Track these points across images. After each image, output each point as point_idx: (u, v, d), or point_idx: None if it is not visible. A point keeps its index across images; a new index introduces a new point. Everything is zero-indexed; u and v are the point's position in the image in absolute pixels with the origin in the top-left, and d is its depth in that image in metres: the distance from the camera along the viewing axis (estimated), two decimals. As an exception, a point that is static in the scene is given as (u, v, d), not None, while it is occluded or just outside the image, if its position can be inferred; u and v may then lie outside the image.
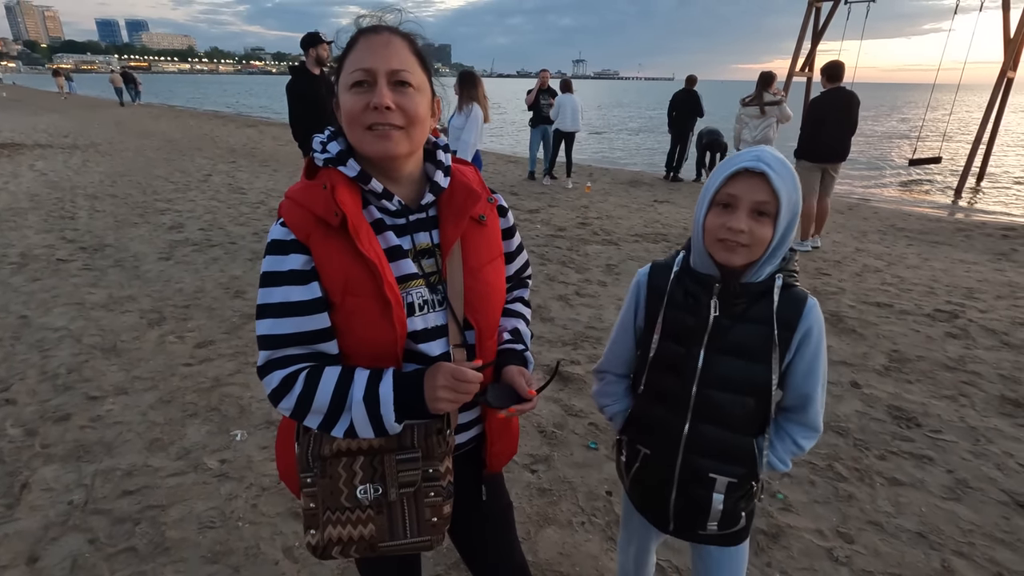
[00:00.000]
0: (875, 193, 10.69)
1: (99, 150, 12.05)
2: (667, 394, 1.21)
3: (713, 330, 1.14)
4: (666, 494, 1.25)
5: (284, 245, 0.95)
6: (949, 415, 2.94)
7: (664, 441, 1.23)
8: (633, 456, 1.30)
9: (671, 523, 1.29)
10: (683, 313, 1.17)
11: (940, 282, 5.01)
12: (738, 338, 1.13)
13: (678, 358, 1.18)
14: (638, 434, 1.30)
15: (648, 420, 1.27)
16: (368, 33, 0.96)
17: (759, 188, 1.04)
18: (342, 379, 0.95)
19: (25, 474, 2.37)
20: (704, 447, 1.19)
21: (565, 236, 6.30)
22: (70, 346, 3.49)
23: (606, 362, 1.36)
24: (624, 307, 1.30)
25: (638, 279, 1.26)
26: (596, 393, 1.40)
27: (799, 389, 1.17)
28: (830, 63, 5.69)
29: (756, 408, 1.16)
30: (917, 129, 18.29)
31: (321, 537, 0.98)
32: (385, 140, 0.94)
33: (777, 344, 1.11)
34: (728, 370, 1.15)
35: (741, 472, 1.20)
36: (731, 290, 1.12)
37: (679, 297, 1.18)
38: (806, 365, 1.15)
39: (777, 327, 1.11)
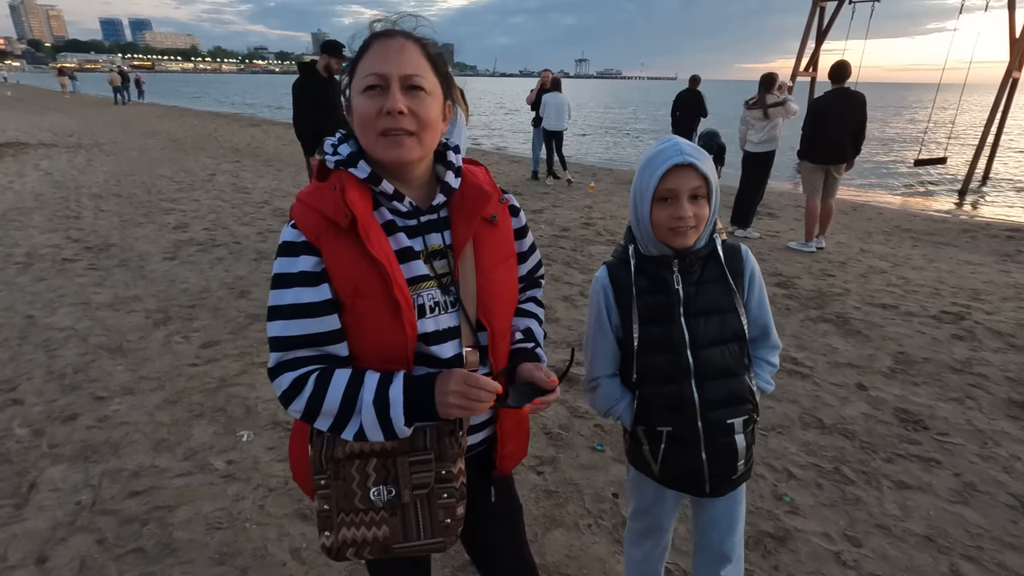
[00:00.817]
0: (880, 193, 10.66)
1: (103, 149, 12.09)
2: (666, 370, 1.32)
3: (684, 300, 1.30)
4: (698, 458, 1.35)
5: (295, 247, 0.95)
6: (956, 418, 2.93)
7: (682, 412, 1.32)
8: (656, 439, 1.37)
9: (707, 483, 1.38)
10: (653, 296, 1.31)
11: (946, 283, 4.99)
12: (706, 299, 1.30)
13: (664, 336, 1.31)
14: (655, 417, 1.36)
15: (660, 401, 1.34)
16: (382, 38, 0.96)
17: (691, 177, 1.20)
18: (352, 382, 0.95)
19: (33, 474, 2.38)
20: (716, 401, 1.32)
21: (569, 236, 6.30)
22: (76, 346, 3.50)
23: (594, 369, 1.42)
24: (594, 313, 1.38)
25: (601, 282, 1.36)
26: (595, 401, 1.44)
27: (758, 320, 1.37)
28: (835, 63, 5.67)
29: (739, 350, 1.34)
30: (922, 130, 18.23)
31: (335, 539, 0.99)
32: (398, 146, 0.94)
33: (735, 291, 1.31)
34: (709, 329, 1.30)
35: (747, 407, 1.35)
36: (687, 262, 1.28)
37: (645, 284, 1.31)
38: (757, 299, 1.36)
39: (732, 277, 1.30)
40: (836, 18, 11.71)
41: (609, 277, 1.35)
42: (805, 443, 2.70)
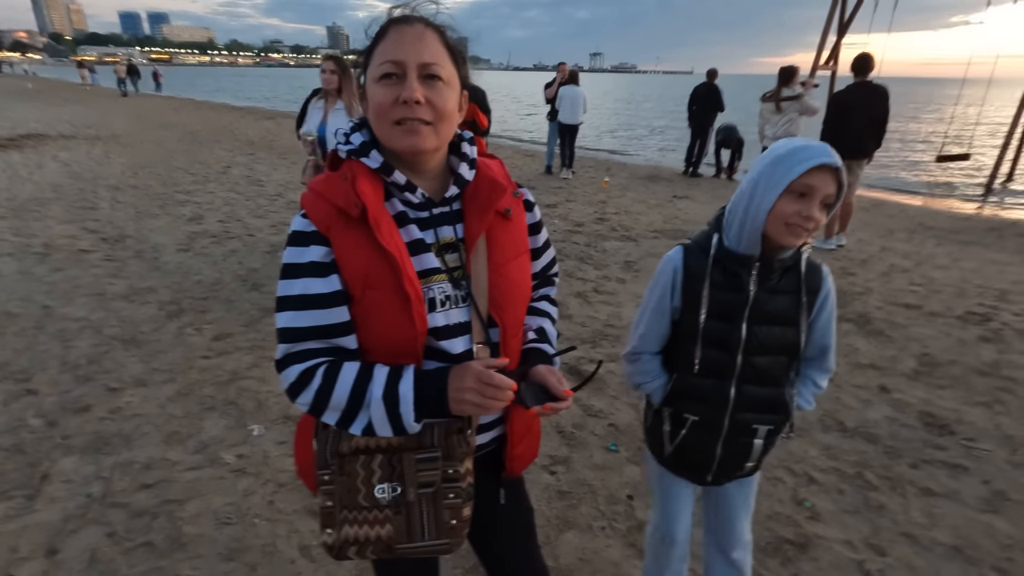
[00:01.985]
0: (902, 190, 10.43)
1: (121, 141, 12.20)
2: (714, 365, 1.32)
3: (753, 303, 1.27)
4: (711, 451, 1.39)
5: (305, 236, 0.93)
6: (984, 423, 2.83)
7: (714, 407, 1.35)
8: (679, 424, 1.40)
9: (711, 474, 1.43)
10: (724, 292, 1.28)
11: (971, 283, 4.85)
12: (774, 308, 1.28)
13: (722, 333, 1.30)
14: (685, 404, 1.38)
15: (696, 391, 1.36)
16: (400, 23, 0.92)
17: (831, 182, 1.17)
18: (361, 375, 0.92)
19: (45, 464, 2.39)
20: (748, 404, 1.34)
21: (583, 232, 6.23)
22: (91, 337, 3.51)
23: (641, 344, 1.42)
24: (657, 290, 1.36)
25: (673, 263, 1.33)
26: (632, 373, 1.45)
27: (820, 341, 1.36)
28: (858, 56, 5.50)
29: (788, 363, 1.34)
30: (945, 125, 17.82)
31: (337, 536, 0.96)
32: (413, 135, 0.91)
33: (805, 308, 1.29)
34: (766, 337, 1.29)
35: (776, 417, 1.37)
36: (770, 266, 1.25)
37: (718, 277, 1.29)
38: (825, 321, 1.33)
39: (805, 294, 1.28)
40: (858, 10, 11.44)
41: (684, 261, 1.33)
42: (826, 447, 2.62)
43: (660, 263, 1.37)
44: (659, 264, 1.37)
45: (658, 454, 1.50)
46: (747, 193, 1.22)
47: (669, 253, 1.35)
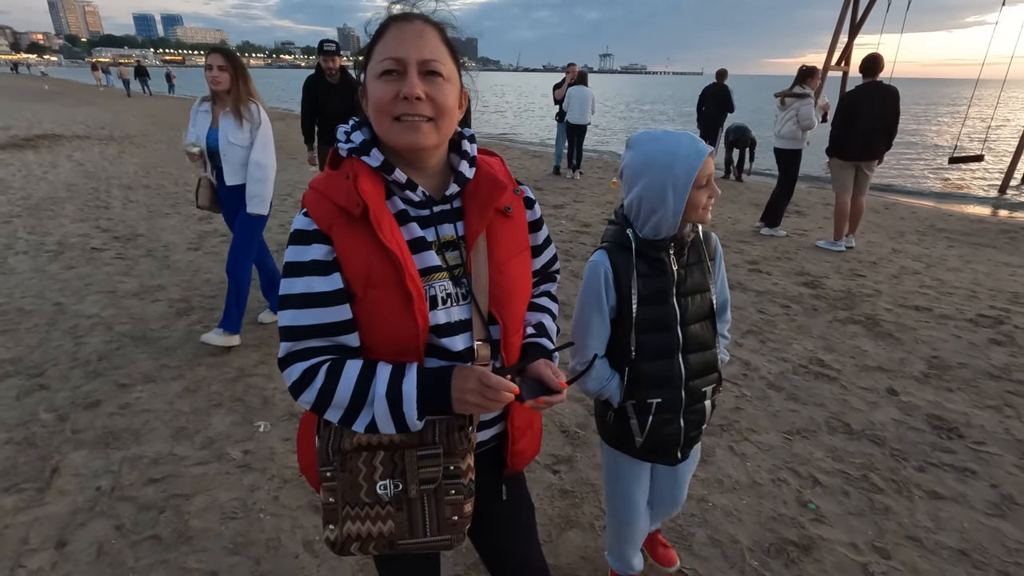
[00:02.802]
0: (913, 192, 10.33)
1: (134, 142, 12.36)
2: (660, 346, 1.45)
3: (677, 281, 1.43)
4: (676, 426, 1.50)
5: (306, 235, 0.93)
6: (993, 426, 2.80)
7: (671, 384, 1.47)
8: (645, 411, 1.48)
9: (680, 450, 1.55)
10: (652, 278, 1.42)
11: (983, 286, 4.79)
12: (692, 279, 1.45)
13: (659, 314, 1.43)
14: (646, 391, 1.47)
15: (652, 374, 1.46)
16: (400, 20, 0.93)
17: (710, 162, 1.35)
18: (364, 373, 0.93)
19: (56, 458, 2.42)
20: (696, 372, 1.49)
21: (590, 232, 6.22)
22: (102, 333, 3.56)
23: (588, 351, 1.47)
24: (590, 296, 1.44)
25: (602, 265, 1.42)
26: (588, 382, 1.49)
27: (721, 297, 1.55)
28: (867, 56, 5.44)
29: (711, 325, 1.51)
30: (958, 126, 17.61)
31: (340, 532, 0.96)
32: (414, 131, 0.91)
33: (710, 272, 1.48)
34: (693, 307, 1.46)
35: (715, 376, 1.55)
36: (682, 245, 1.43)
37: (643, 267, 1.41)
38: (722, 279, 1.55)
39: (707, 260, 1.48)
40: (870, 11, 11.35)
41: (609, 259, 1.42)
42: (831, 448, 2.61)
43: (587, 270, 1.45)
44: (586, 271, 1.45)
45: (627, 449, 1.57)
46: (655, 196, 1.34)
47: (594, 258, 1.44)
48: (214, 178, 3.33)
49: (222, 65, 3.11)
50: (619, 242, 1.43)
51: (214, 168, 3.28)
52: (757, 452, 2.58)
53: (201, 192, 3.33)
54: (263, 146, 3.23)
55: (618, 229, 1.44)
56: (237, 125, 3.12)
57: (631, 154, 1.39)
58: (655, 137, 1.36)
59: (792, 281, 4.84)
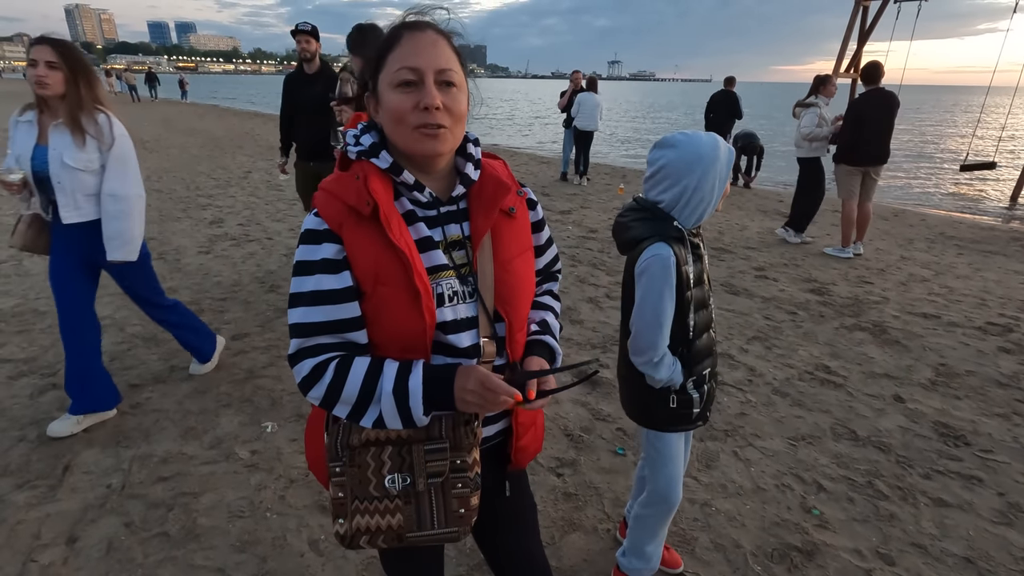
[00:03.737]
0: (923, 199, 10.26)
1: (147, 147, 12.53)
2: (705, 323, 1.62)
3: (704, 261, 1.61)
4: (713, 385, 1.70)
5: (317, 235, 0.96)
6: (1001, 434, 2.78)
7: (711, 352, 1.66)
8: (702, 382, 1.64)
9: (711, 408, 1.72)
10: (696, 263, 1.56)
11: (992, 294, 4.76)
12: (706, 260, 1.63)
13: (702, 295, 1.59)
14: (700, 364, 1.62)
15: (702, 348, 1.62)
16: (412, 30, 0.95)
17: None
18: (372, 370, 0.95)
19: (68, 457, 2.46)
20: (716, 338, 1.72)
21: (596, 238, 6.24)
22: (114, 335, 3.62)
23: (662, 344, 1.53)
24: (664, 286, 1.48)
25: (671, 258, 1.47)
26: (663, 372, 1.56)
27: None
28: (868, 64, 5.53)
29: None
30: (970, 133, 17.48)
31: (349, 526, 0.99)
32: (434, 140, 0.95)
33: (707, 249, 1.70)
34: (709, 283, 1.65)
35: None
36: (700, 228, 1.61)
37: (688, 255, 1.53)
38: None
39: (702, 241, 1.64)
40: (880, 18, 11.33)
41: (673, 251, 1.48)
42: (837, 455, 2.60)
43: (655, 263, 1.48)
44: (654, 264, 1.48)
45: (683, 424, 1.66)
46: (704, 188, 1.47)
47: (659, 251, 1.48)
48: (47, 213, 2.46)
49: (51, 61, 2.25)
50: (670, 233, 1.51)
51: (47, 201, 2.43)
52: (761, 457, 2.58)
53: (18, 230, 2.46)
54: (120, 172, 2.46)
55: (659, 222, 1.52)
56: (77, 143, 2.32)
57: (673, 153, 1.48)
58: (693, 136, 1.48)
59: (799, 288, 4.83)
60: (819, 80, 6.14)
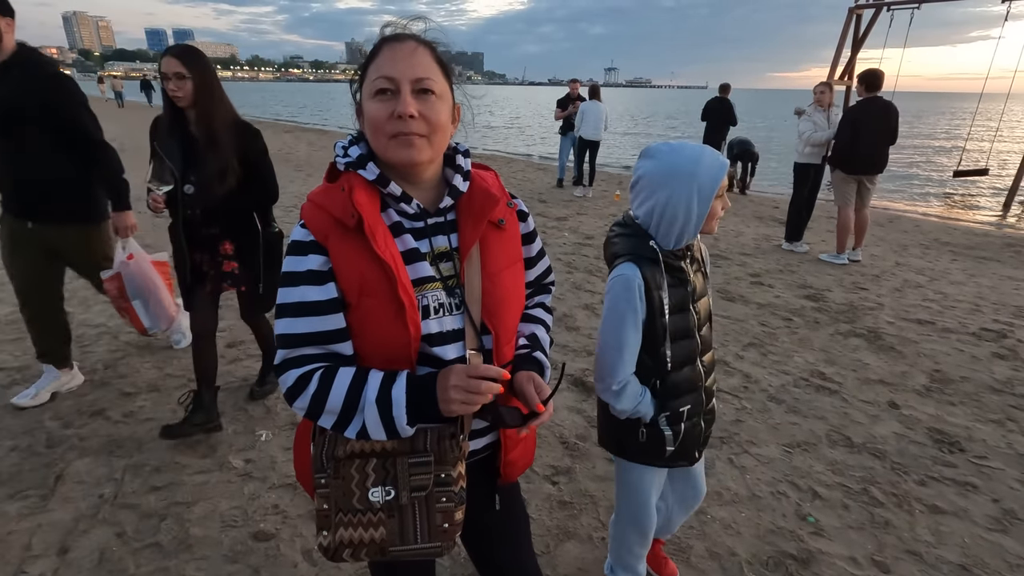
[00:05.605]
0: (917, 205, 10.32)
1: (145, 153, 12.51)
2: (685, 353, 1.48)
3: (692, 287, 1.48)
4: (700, 426, 1.57)
5: (303, 246, 0.96)
6: (995, 440, 2.78)
7: (695, 388, 1.52)
8: (678, 420, 1.51)
9: (700, 449, 1.61)
10: (677, 288, 1.45)
11: (987, 300, 4.78)
12: (699, 284, 1.51)
13: (683, 323, 1.47)
14: (678, 400, 1.50)
15: (680, 383, 1.49)
16: (392, 41, 0.96)
17: None
18: (356, 380, 0.95)
19: (60, 466, 2.45)
20: (708, 372, 1.56)
21: (593, 245, 6.25)
22: (108, 343, 3.60)
23: (623, 370, 1.43)
24: (627, 310, 1.39)
25: (635, 279, 1.38)
26: (625, 401, 1.46)
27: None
28: (868, 71, 5.50)
29: (710, 327, 1.59)
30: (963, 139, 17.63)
31: (333, 539, 0.98)
32: (409, 148, 0.95)
33: (707, 277, 1.57)
34: (702, 310, 1.52)
35: (716, 375, 1.67)
36: (691, 253, 1.49)
37: (669, 278, 1.43)
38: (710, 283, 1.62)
39: (704, 264, 1.56)
40: (873, 25, 11.43)
41: (641, 274, 1.39)
42: (832, 462, 2.60)
43: (618, 284, 1.39)
44: (617, 285, 1.39)
45: (655, 460, 1.57)
46: (680, 205, 1.35)
47: (625, 272, 1.38)
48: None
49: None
50: (643, 253, 1.39)
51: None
52: (757, 465, 2.58)
53: None
54: None
55: (637, 240, 1.40)
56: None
57: (651, 164, 1.37)
58: (676, 147, 1.36)
59: (794, 294, 4.85)
60: (816, 88, 6.21)
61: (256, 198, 2.58)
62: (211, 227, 2.51)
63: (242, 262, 2.59)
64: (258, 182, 2.53)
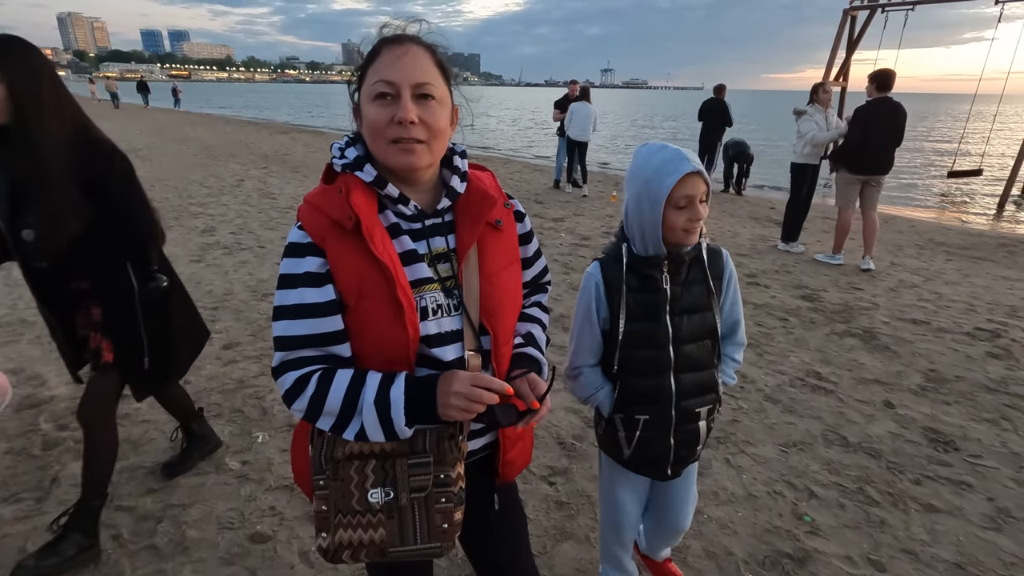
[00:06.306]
0: (912, 206, 10.37)
1: (140, 155, 12.48)
2: (649, 363, 1.43)
3: (671, 299, 1.40)
4: (666, 443, 1.49)
5: (300, 248, 0.96)
6: (990, 439, 2.80)
7: (660, 402, 1.45)
8: (633, 426, 1.48)
9: (670, 466, 1.53)
10: (643, 294, 1.40)
11: (981, 299, 4.81)
12: (689, 298, 1.42)
13: (650, 331, 1.41)
14: (634, 407, 1.47)
15: (640, 391, 1.46)
16: (391, 44, 0.96)
17: (699, 183, 1.29)
18: (354, 382, 0.95)
19: (55, 468, 2.44)
20: (689, 391, 1.46)
21: (590, 245, 6.25)
22: (103, 345, 3.58)
23: (577, 358, 1.50)
24: (583, 305, 1.45)
25: (594, 278, 1.43)
26: (576, 388, 1.53)
27: (731, 318, 1.52)
28: (881, 71, 5.34)
29: (712, 345, 1.48)
30: (957, 140, 17.72)
31: (332, 540, 0.98)
32: (409, 154, 0.95)
33: (714, 292, 1.43)
34: (689, 326, 1.43)
35: (712, 397, 1.51)
36: (678, 263, 1.38)
37: (635, 282, 1.40)
38: (732, 298, 1.49)
39: (712, 279, 1.42)
40: (868, 27, 11.49)
41: (602, 273, 1.42)
42: (828, 461, 2.61)
43: (583, 281, 1.46)
44: (582, 282, 1.46)
45: (617, 458, 1.59)
46: (635, 209, 1.34)
47: (589, 269, 1.45)
48: None
49: None
50: (614, 255, 1.42)
51: None
52: (753, 464, 2.58)
53: None
54: None
55: (616, 243, 1.44)
56: None
57: (630, 164, 1.38)
58: (649, 150, 1.33)
59: (790, 294, 4.86)
60: (813, 89, 6.21)
61: (123, 243, 1.91)
62: (77, 282, 1.88)
63: (112, 334, 1.92)
64: (123, 221, 1.88)
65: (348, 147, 1.02)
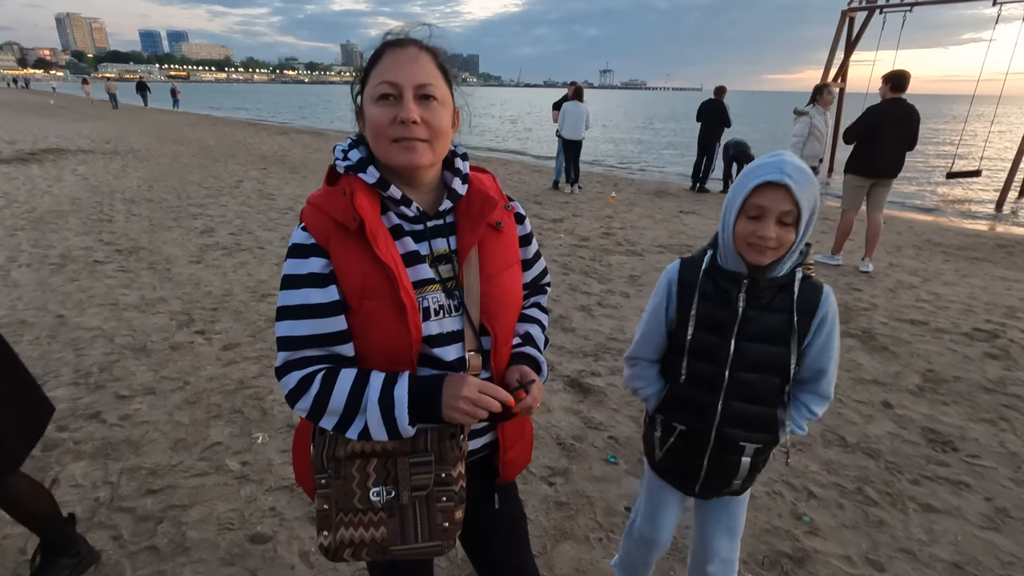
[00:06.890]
0: (910, 207, 10.39)
1: (138, 156, 12.48)
2: (702, 378, 1.34)
3: (742, 321, 1.28)
4: (698, 462, 1.41)
5: (304, 249, 0.97)
6: (988, 439, 2.81)
7: (700, 419, 1.37)
8: (668, 432, 1.44)
9: (697, 486, 1.45)
10: (714, 306, 1.30)
11: (979, 300, 4.82)
12: (763, 326, 1.28)
13: (711, 346, 1.31)
14: (675, 413, 1.42)
15: (685, 401, 1.39)
16: (395, 46, 0.97)
17: (783, 199, 1.15)
18: (358, 381, 0.96)
19: (56, 469, 2.44)
20: (736, 420, 1.34)
21: (588, 246, 6.26)
22: (103, 346, 3.59)
23: (638, 349, 1.46)
24: (655, 299, 1.40)
25: (670, 275, 1.36)
26: (630, 377, 1.50)
27: (815, 364, 1.32)
28: (895, 72, 5.22)
29: (780, 383, 1.33)
30: (955, 141, 17.75)
31: (333, 539, 0.99)
32: (410, 152, 0.96)
33: (796, 330, 1.26)
34: (756, 355, 1.29)
35: (766, 438, 1.36)
36: (758, 285, 1.25)
37: (710, 291, 1.30)
38: (822, 344, 1.30)
39: (797, 314, 1.26)
40: (866, 28, 11.51)
41: (679, 272, 1.35)
42: (827, 461, 2.62)
43: (661, 275, 1.40)
44: (661, 276, 1.41)
45: (650, 457, 1.56)
46: (722, 212, 1.26)
47: (669, 266, 1.39)
48: None
49: None
50: (696, 259, 1.33)
51: None
52: (752, 465, 2.59)
53: None
54: None
55: (705, 247, 1.35)
56: None
57: None
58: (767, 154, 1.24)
59: (789, 295, 4.86)
60: (816, 90, 6.21)
61: None
62: None
63: None
64: None
65: (351, 149, 1.03)
